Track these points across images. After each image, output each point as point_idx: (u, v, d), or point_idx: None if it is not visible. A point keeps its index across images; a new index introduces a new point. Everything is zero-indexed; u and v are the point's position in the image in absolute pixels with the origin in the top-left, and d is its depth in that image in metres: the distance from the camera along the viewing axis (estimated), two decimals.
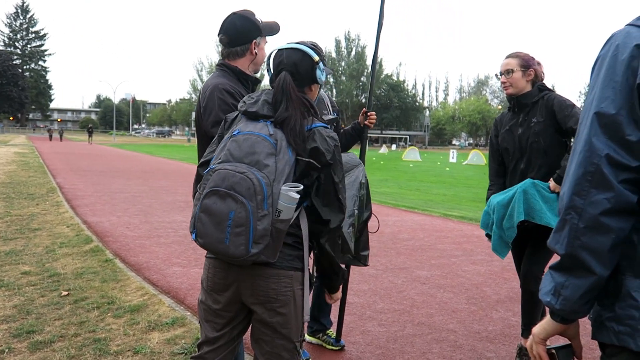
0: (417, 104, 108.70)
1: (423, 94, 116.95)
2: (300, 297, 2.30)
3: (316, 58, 2.37)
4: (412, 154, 45.23)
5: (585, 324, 1.68)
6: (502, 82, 3.78)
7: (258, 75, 3.16)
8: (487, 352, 4.11)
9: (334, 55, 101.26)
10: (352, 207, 3.53)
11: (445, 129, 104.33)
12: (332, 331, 4.23)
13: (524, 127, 3.75)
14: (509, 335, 4.49)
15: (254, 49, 3.00)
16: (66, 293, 5.30)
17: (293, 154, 2.18)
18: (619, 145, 1.34)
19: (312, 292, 2.59)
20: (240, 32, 2.97)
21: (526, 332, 3.82)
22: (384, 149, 64.70)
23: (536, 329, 1.56)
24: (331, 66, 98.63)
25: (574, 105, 3.62)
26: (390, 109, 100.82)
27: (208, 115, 2.86)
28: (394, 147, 79.66)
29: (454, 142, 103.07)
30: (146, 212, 10.43)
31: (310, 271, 2.40)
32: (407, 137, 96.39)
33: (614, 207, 1.33)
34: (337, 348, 4.12)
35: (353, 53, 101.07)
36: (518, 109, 3.80)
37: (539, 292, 1.49)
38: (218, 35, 2.99)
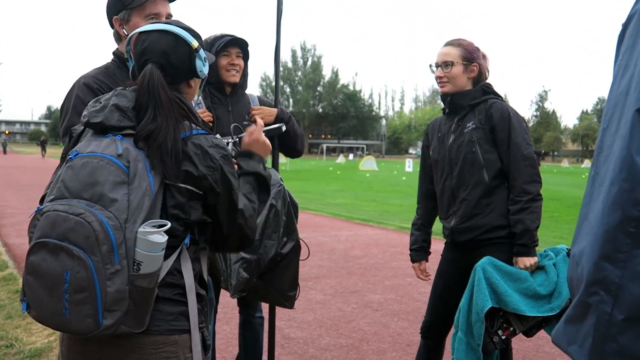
0: (374, 113, 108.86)
1: (380, 103, 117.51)
2: None
3: (194, 43, 1.77)
4: (369, 163, 44.86)
5: None
6: (438, 77, 2.99)
7: None
8: None
9: (290, 65, 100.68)
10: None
11: (401, 138, 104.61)
12: None
13: (457, 134, 3.01)
14: None
15: (121, 28, 2.35)
16: None
17: (157, 178, 1.56)
18: None
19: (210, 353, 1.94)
20: (106, 12, 2.39)
21: None
22: (341, 159, 64.26)
23: None
24: (287, 76, 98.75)
25: (522, 124, 2.87)
26: (347, 119, 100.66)
27: (62, 119, 2.27)
28: (351, 156, 79.14)
29: (410, 150, 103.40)
30: None
31: (204, 334, 1.75)
32: (364, 146, 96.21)
33: None
34: None
35: (309, 63, 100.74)
36: (450, 111, 3.06)
37: None
38: None
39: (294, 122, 3.40)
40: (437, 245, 3.32)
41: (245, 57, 3.27)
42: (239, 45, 3.21)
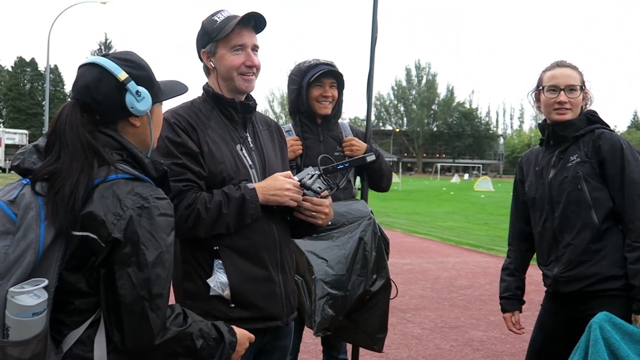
0: (491, 131, 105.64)
1: (497, 121, 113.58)
2: None
3: (121, 76, 1.55)
4: (484, 183, 43.31)
5: None
6: (560, 103, 2.59)
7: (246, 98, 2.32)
8: None
9: (404, 84, 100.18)
10: (334, 272, 2.71)
11: (520, 157, 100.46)
12: None
13: (558, 169, 2.63)
14: None
15: (208, 62, 2.23)
16: None
17: (51, 228, 1.38)
18: None
19: None
20: (195, 42, 2.27)
21: None
22: (455, 179, 62.69)
23: None
24: (401, 95, 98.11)
25: (638, 157, 2.50)
26: (462, 137, 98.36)
27: None
28: (466, 176, 77.10)
29: None
30: None
31: None
32: (481, 165, 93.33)
33: None
34: None
35: (424, 81, 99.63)
36: (554, 142, 2.68)
37: None
38: None
39: (383, 160, 3.27)
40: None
41: (340, 86, 3.17)
42: (334, 76, 3.11)
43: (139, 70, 1.62)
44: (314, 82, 3.05)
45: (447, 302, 6.77)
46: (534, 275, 2.72)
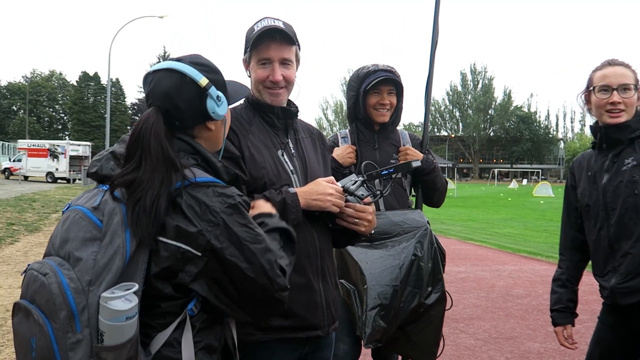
0: (550, 135, 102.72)
1: (557, 125, 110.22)
2: None
3: (203, 81, 1.54)
4: (543, 189, 42.17)
5: None
6: (613, 103, 2.43)
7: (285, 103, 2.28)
8: None
9: (459, 88, 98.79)
10: (387, 283, 2.60)
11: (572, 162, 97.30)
12: None
13: (612, 173, 2.46)
14: None
15: (246, 70, 2.23)
16: None
17: (134, 238, 1.36)
18: None
19: None
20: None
21: None
22: (513, 184, 61.26)
23: None
24: (457, 100, 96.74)
25: None
26: (520, 142, 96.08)
27: None
28: (525, 181, 75.20)
29: None
30: None
31: None
32: (540, 171, 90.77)
33: None
34: None
35: (480, 85, 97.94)
36: (607, 145, 2.52)
37: None
38: None
39: (438, 174, 3.12)
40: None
41: (399, 93, 3.08)
42: (392, 82, 3.02)
43: (215, 74, 1.62)
44: (371, 89, 2.97)
45: (502, 311, 6.55)
46: (595, 284, 2.56)
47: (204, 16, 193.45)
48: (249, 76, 2.20)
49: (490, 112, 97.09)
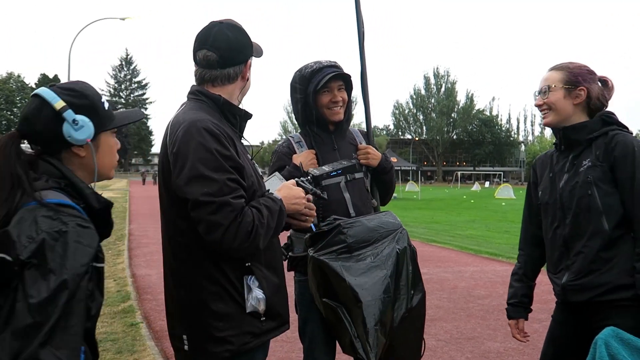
0: (512, 138, 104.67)
1: (518, 128, 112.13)
2: None
3: (58, 104, 1.55)
4: (505, 191, 42.83)
5: None
6: (538, 106, 2.59)
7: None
8: None
9: (423, 92, 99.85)
10: (379, 294, 2.47)
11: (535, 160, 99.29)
12: None
13: (571, 174, 2.52)
14: None
15: (248, 72, 2.20)
16: None
17: None
18: None
19: None
20: (235, 49, 2.15)
21: None
22: (476, 186, 62.14)
23: None
24: (420, 103, 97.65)
25: None
26: (483, 145, 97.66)
27: (181, 168, 1.98)
28: (487, 184, 76.31)
29: None
30: None
31: None
32: (502, 173, 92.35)
33: None
34: None
35: (443, 89, 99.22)
36: (565, 146, 2.59)
37: None
38: (199, 50, 2.15)
39: (393, 173, 3.18)
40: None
41: (348, 88, 2.99)
42: (341, 78, 2.94)
43: (80, 98, 1.61)
44: (321, 88, 2.88)
45: (463, 312, 6.63)
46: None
47: (167, 17, 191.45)
48: (247, 78, 2.22)
49: (453, 115, 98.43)
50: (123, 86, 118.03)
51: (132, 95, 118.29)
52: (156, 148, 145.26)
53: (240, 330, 2.00)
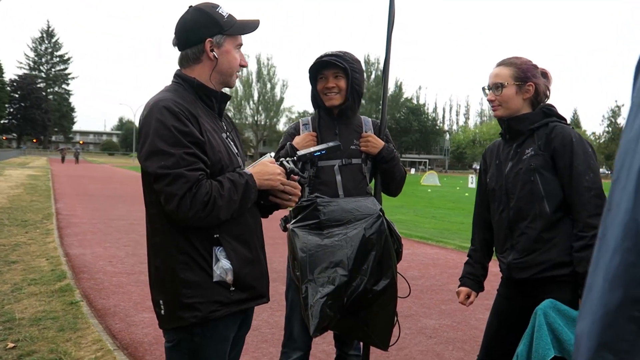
0: (438, 127, 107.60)
1: (443, 117, 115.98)
2: None
3: None
4: (431, 178, 44.21)
5: None
6: (490, 101, 2.79)
7: (229, 90, 2.40)
8: None
9: None
10: (338, 272, 2.57)
11: (465, 153, 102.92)
12: None
13: (515, 161, 2.76)
14: None
15: (211, 51, 2.21)
16: (12, 345, 4.55)
17: None
18: None
19: None
20: (189, 29, 2.21)
21: None
22: None
23: None
24: None
25: (588, 150, 2.60)
26: (410, 133, 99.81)
27: (142, 144, 2.11)
28: (413, 170, 78.33)
29: (474, 166, 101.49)
30: (138, 243, 9.66)
31: None
32: (427, 160, 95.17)
33: None
34: None
35: (373, 76, 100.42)
36: (510, 136, 2.83)
37: None
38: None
39: (397, 164, 3.21)
40: (494, 267, 3.09)
41: (348, 75, 3.05)
42: (336, 65, 3.03)
43: None
44: (317, 75, 3.06)
45: (399, 292, 6.90)
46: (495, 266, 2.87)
47: None
48: (213, 58, 2.21)
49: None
50: (44, 59, 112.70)
51: (53, 69, 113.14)
52: (78, 125, 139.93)
53: (208, 299, 2.11)
